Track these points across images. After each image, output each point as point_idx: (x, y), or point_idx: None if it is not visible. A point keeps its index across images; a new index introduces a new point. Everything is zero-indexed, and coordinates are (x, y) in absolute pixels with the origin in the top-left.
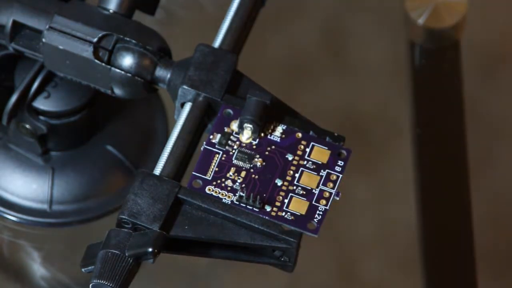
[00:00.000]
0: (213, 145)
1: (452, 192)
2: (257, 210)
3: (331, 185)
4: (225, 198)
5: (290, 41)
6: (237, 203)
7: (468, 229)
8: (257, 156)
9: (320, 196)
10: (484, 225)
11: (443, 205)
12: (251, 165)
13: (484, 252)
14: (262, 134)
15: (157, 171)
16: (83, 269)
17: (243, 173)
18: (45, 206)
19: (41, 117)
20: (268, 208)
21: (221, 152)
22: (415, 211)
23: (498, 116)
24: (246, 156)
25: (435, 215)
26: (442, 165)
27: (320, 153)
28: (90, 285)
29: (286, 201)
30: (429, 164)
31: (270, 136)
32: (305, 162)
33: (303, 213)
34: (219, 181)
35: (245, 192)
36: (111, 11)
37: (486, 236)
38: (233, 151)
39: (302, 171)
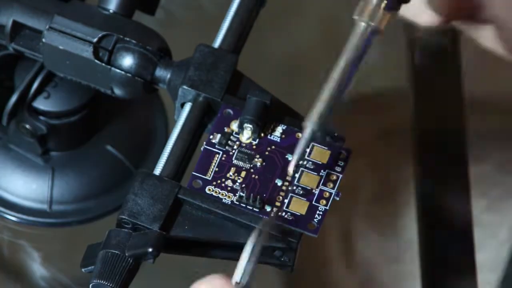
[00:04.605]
0: (213, 145)
1: (452, 192)
2: (257, 210)
3: (331, 185)
4: (225, 198)
5: (290, 41)
6: (237, 203)
7: (468, 228)
8: (257, 156)
9: (320, 196)
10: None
11: (443, 205)
12: (251, 165)
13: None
14: (262, 134)
15: (157, 171)
16: (83, 269)
17: (243, 173)
18: (45, 206)
19: (41, 117)
20: (268, 208)
21: (221, 152)
22: (415, 211)
23: (497, 115)
24: (246, 156)
25: (435, 215)
26: (442, 164)
27: (320, 153)
28: (90, 285)
29: (286, 201)
30: (430, 164)
31: (270, 136)
32: (305, 162)
33: (303, 213)
34: (219, 181)
35: (245, 192)
36: (111, 11)
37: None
38: (233, 151)
39: (302, 171)
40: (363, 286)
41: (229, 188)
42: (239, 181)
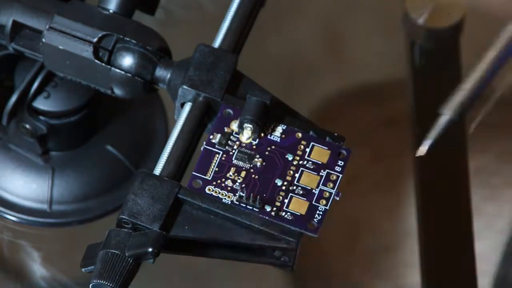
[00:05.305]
0: (213, 145)
1: (452, 191)
2: (257, 210)
3: (331, 185)
4: (225, 198)
5: (290, 41)
6: (237, 203)
7: (468, 227)
8: (257, 156)
9: (320, 196)
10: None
11: (443, 204)
12: (251, 165)
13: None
14: (262, 134)
15: (157, 171)
16: (83, 269)
17: (243, 173)
18: (45, 206)
19: (41, 117)
20: (268, 208)
21: (221, 152)
22: (415, 210)
23: (497, 115)
24: (246, 156)
25: (435, 215)
26: (442, 164)
27: (320, 153)
28: (90, 285)
29: (286, 201)
30: (429, 164)
31: (270, 136)
32: (305, 162)
33: (303, 213)
34: (219, 181)
35: (245, 192)
36: (111, 11)
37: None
38: (233, 151)
39: (302, 171)
40: (363, 275)
41: (229, 188)
42: (239, 181)
